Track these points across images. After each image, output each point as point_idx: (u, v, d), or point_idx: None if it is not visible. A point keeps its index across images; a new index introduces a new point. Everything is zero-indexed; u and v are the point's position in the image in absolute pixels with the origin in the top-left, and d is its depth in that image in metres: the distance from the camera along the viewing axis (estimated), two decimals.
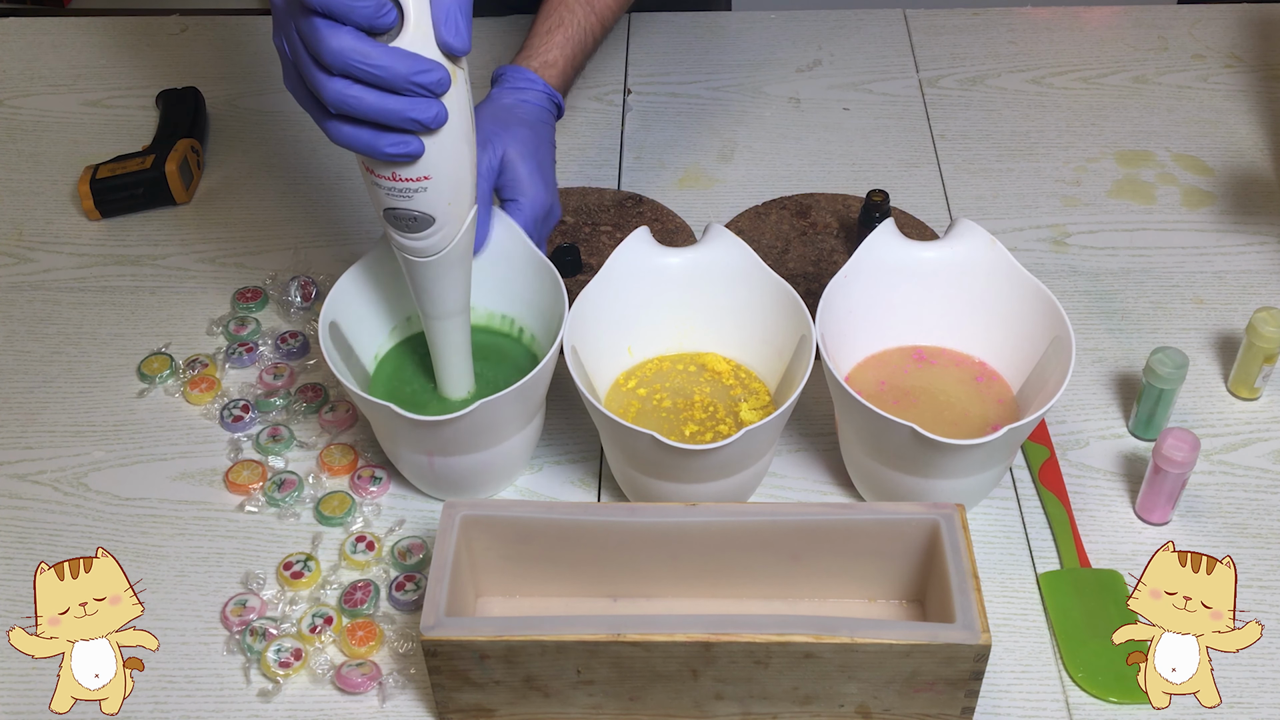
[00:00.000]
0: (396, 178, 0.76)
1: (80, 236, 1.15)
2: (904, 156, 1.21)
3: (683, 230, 1.12)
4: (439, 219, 0.79)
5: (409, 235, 0.80)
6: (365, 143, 0.74)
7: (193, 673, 0.83)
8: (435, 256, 0.81)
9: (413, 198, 0.77)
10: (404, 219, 0.79)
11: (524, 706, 0.78)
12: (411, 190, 0.77)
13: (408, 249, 0.81)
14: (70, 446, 0.97)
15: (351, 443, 0.96)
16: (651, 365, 0.95)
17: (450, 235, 0.80)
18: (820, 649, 0.73)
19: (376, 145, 0.74)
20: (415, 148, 0.74)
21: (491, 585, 0.84)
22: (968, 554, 0.77)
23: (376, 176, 0.77)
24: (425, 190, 0.77)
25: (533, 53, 1.00)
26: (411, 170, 0.76)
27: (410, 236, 0.80)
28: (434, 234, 0.80)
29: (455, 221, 0.80)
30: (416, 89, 0.71)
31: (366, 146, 0.74)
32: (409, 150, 0.74)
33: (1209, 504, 0.91)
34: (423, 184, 0.77)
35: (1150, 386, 0.92)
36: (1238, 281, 1.07)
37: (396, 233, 0.80)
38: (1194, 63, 1.31)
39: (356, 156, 0.77)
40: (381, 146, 0.74)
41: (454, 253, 0.82)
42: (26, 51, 1.37)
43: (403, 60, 0.70)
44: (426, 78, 0.71)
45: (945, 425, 0.89)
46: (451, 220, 0.80)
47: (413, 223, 0.79)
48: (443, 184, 0.77)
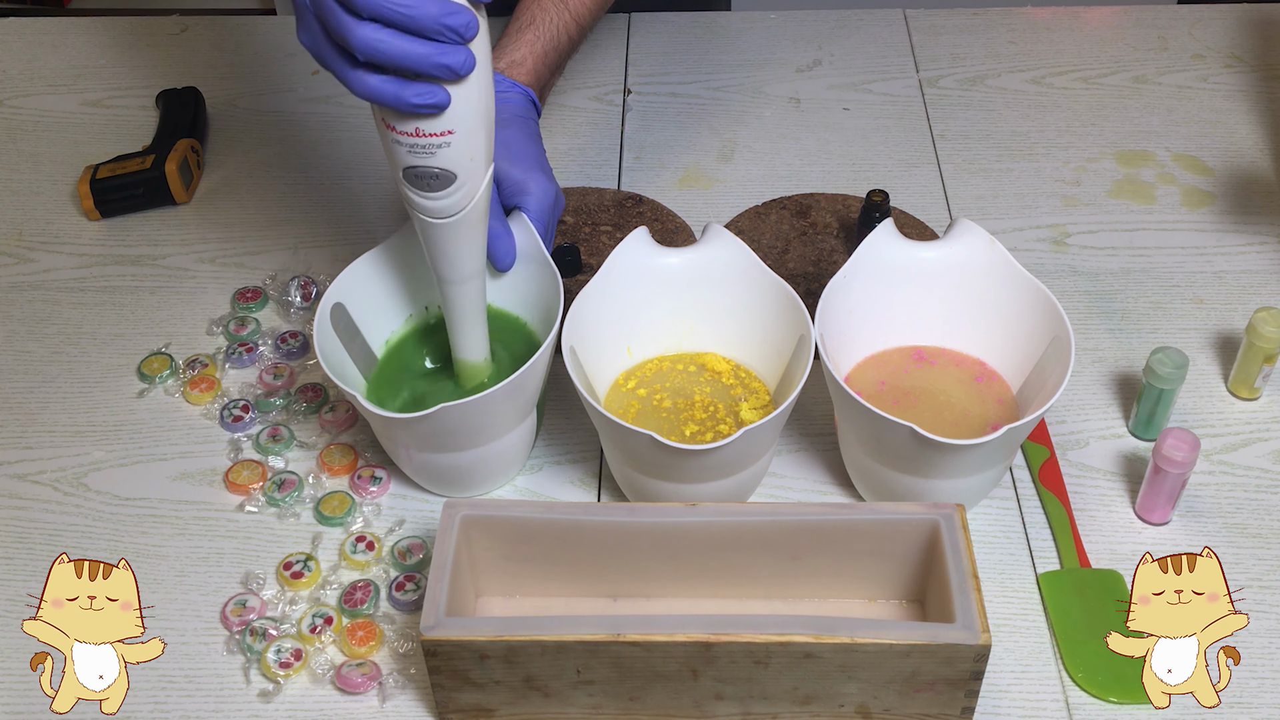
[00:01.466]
0: (419, 133, 0.75)
1: (80, 236, 1.15)
2: (904, 156, 1.21)
3: (683, 230, 1.12)
4: (460, 176, 0.78)
5: (429, 194, 0.79)
6: (391, 93, 0.73)
7: (193, 673, 0.83)
8: (455, 217, 0.80)
9: (435, 154, 0.76)
10: (425, 177, 0.78)
11: (524, 706, 0.78)
12: (435, 146, 0.76)
13: (427, 209, 0.80)
14: (70, 446, 0.97)
15: (351, 443, 0.96)
16: (651, 365, 0.95)
17: (471, 193, 0.80)
18: (820, 649, 0.73)
19: (402, 95, 0.73)
20: (441, 98, 0.73)
21: (491, 585, 0.84)
22: (968, 554, 0.77)
23: (398, 133, 0.76)
24: (448, 145, 0.76)
25: (500, 53, 1.00)
26: (435, 124, 0.75)
27: (430, 196, 0.79)
28: (455, 192, 0.79)
29: (475, 178, 0.79)
30: (446, 32, 0.71)
31: (393, 97, 0.73)
32: (435, 100, 0.73)
33: (1209, 504, 0.91)
34: (446, 139, 0.76)
35: (1150, 386, 0.92)
36: (1238, 281, 1.07)
37: (416, 192, 0.79)
38: (1194, 63, 1.31)
39: (375, 114, 0.77)
40: (408, 97, 0.73)
41: (473, 213, 0.81)
42: (26, 51, 1.37)
43: (432, 2, 0.70)
44: (456, 20, 0.71)
45: (945, 425, 0.89)
46: (472, 177, 0.79)
47: (434, 180, 0.78)
48: (465, 138, 0.76)
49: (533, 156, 0.93)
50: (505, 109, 0.96)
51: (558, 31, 1.03)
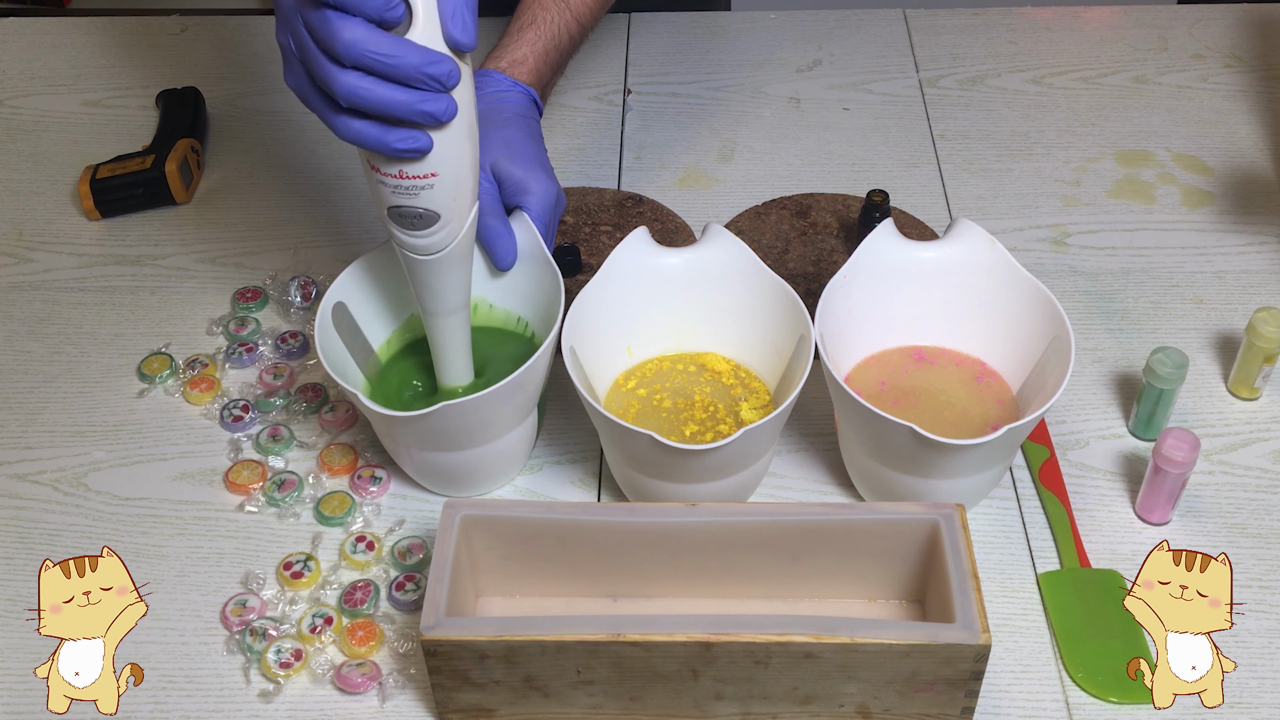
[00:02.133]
0: (403, 175, 0.76)
1: (80, 236, 1.15)
2: (904, 156, 1.21)
3: (683, 230, 1.12)
4: (444, 215, 0.79)
5: (413, 233, 0.80)
6: (374, 138, 0.74)
7: (193, 673, 0.83)
8: (439, 254, 0.82)
9: (419, 195, 0.78)
10: (409, 216, 0.79)
11: (524, 706, 0.78)
12: (418, 188, 0.77)
13: (411, 247, 0.81)
14: (70, 446, 0.97)
15: (351, 443, 0.96)
16: (651, 365, 0.95)
17: (454, 232, 0.81)
18: (820, 649, 0.73)
19: (385, 140, 0.74)
20: (424, 143, 0.74)
21: (491, 585, 0.84)
22: (968, 554, 0.77)
23: (382, 174, 0.77)
24: (431, 187, 0.77)
25: (502, 53, 1.00)
26: (418, 167, 0.76)
27: (414, 234, 0.80)
28: (438, 231, 0.80)
29: (459, 218, 0.80)
30: (428, 81, 0.72)
31: (375, 141, 0.74)
32: (417, 145, 0.74)
33: (1209, 504, 0.91)
34: (429, 181, 0.77)
35: (1150, 386, 0.92)
36: (1238, 281, 1.07)
37: (400, 230, 0.80)
38: (1194, 63, 1.31)
39: (360, 155, 0.78)
40: (391, 142, 0.74)
41: (457, 250, 0.82)
42: (26, 51, 1.37)
43: (414, 52, 0.71)
44: (437, 69, 0.72)
45: (945, 425, 0.89)
46: (456, 217, 0.80)
47: (418, 220, 0.79)
48: (448, 180, 0.78)
49: (534, 156, 0.93)
50: (506, 108, 0.96)
51: (559, 30, 1.03)
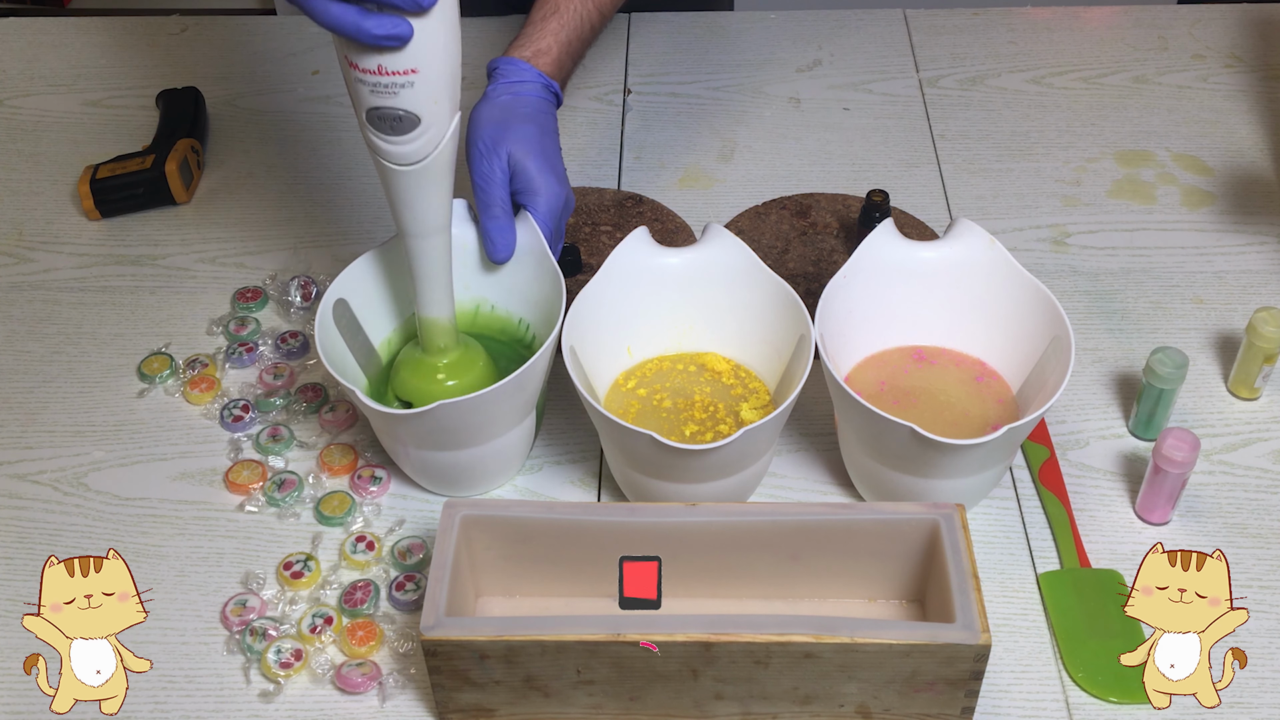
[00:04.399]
0: (382, 70, 0.75)
1: (80, 236, 1.15)
2: (904, 156, 1.21)
3: (683, 230, 1.12)
4: (425, 119, 0.78)
5: (392, 139, 0.78)
6: (351, 23, 0.72)
7: (193, 672, 0.83)
8: (418, 164, 0.80)
9: (398, 94, 0.76)
10: (388, 119, 0.77)
11: (524, 706, 0.78)
12: (398, 86, 0.76)
13: (390, 155, 0.80)
14: (70, 446, 0.97)
15: (351, 443, 0.96)
16: (651, 365, 0.95)
17: (435, 139, 0.79)
18: (820, 649, 0.73)
19: (363, 26, 0.73)
20: (404, 29, 0.73)
21: (491, 585, 0.84)
22: (968, 554, 0.77)
23: (360, 71, 0.76)
24: (412, 85, 0.76)
25: (526, 41, 1.00)
26: (398, 61, 0.75)
27: (393, 140, 0.79)
28: (419, 137, 0.78)
29: (440, 123, 0.79)
30: None
31: (353, 27, 0.73)
32: (396, 31, 0.73)
33: (1209, 504, 0.91)
34: (409, 78, 0.76)
35: (1150, 386, 0.92)
36: (1238, 281, 1.07)
37: (379, 136, 0.79)
38: (1194, 63, 1.31)
39: (338, 51, 0.76)
40: (369, 27, 0.73)
41: (438, 161, 0.80)
42: (26, 51, 1.37)
43: None
44: None
45: (945, 425, 0.89)
46: (437, 122, 0.78)
47: (397, 123, 0.78)
48: (429, 79, 0.76)
49: (547, 156, 0.93)
50: (529, 102, 0.95)
51: (581, 20, 1.02)
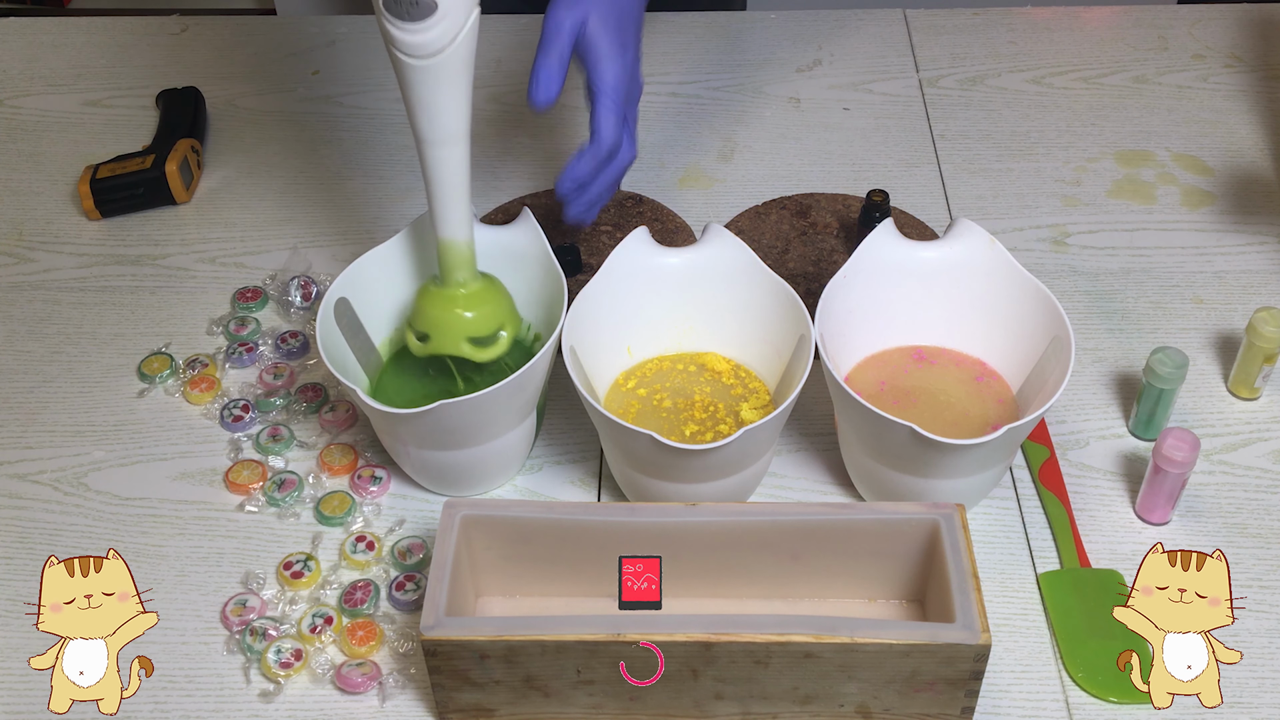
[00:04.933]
0: None
1: (80, 236, 1.15)
2: (904, 156, 1.21)
3: (683, 230, 1.12)
4: (442, 5, 0.76)
5: (408, 25, 0.76)
6: None
7: (193, 672, 0.83)
8: (435, 58, 0.78)
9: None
10: (405, 2, 0.75)
11: (524, 706, 0.78)
12: None
13: (406, 45, 0.77)
14: (70, 446, 0.97)
15: (351, 443, 0.96)
16: (651, 365, 0.95)
17: (452, 29, 0.77)
18: (820, 649, 0.73)
19: None
20: None
21: (491, 585, 0.84)
22: (968, 554, 0.77)
23: None
24: None
25: None
26: None
27: (409, 28, 0.76)
28: (435, 25, 0.76)
29: (457, 11, 0.77)
30: None
31: None
32: None
33: (1209, 504, 0.91)
34: None
35: (1150, 386, 0.92)
36: (1238, 281, 1.07)
37: (395, 23, 0.76)
38: (1194, 63, 1.31)
39: None
40: None
41: (455, 55, 0.78)
42: (26, 51, 1.37)
43: None
44: None
45: (945, 425, 0.89)
46: (454, 9, 0.76)
47: (414, 8, 0.75)
48: None
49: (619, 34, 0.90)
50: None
51: None
